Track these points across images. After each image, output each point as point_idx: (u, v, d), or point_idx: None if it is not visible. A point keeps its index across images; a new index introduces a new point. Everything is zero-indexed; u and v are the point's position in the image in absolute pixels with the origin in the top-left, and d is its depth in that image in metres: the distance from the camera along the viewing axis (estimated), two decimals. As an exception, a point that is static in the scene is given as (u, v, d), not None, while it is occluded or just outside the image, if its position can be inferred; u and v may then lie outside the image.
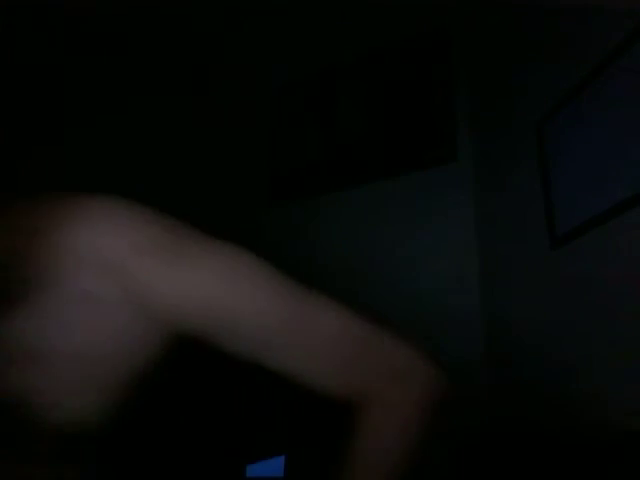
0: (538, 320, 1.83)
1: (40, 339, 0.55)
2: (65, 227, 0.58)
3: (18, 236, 0.58)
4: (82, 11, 2.84)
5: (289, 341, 0.67)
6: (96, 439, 0.62)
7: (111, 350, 0.59)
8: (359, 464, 0.65)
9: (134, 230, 0.61)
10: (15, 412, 0.53)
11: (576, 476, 1.24)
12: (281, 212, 2.99)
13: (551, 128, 1.82)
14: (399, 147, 2.69)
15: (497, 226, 2.21)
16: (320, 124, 3.00)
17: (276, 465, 1.85)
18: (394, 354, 0.73)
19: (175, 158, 3.39)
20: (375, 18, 2.92)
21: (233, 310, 0.65)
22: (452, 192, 2.50)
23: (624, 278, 1.41)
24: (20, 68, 2.73)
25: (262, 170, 3.13)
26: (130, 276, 0.59)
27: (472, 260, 2.35)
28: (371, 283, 2.57)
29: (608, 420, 1.36)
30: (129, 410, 0.63)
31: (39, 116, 2.82)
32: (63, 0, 2.68)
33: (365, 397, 0.69)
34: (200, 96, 3.45)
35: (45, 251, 0.57)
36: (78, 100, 3.09)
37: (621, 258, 1.43)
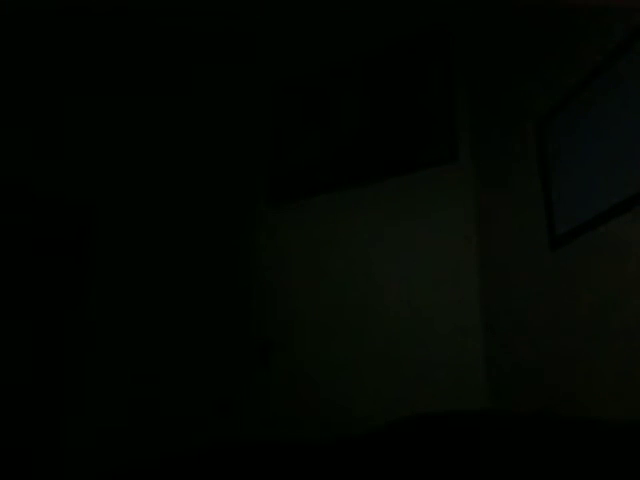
0: (538, 319, 1.83)
1: None
2: None
3: None
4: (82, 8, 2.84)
5: None
6: None
7: None
8: None
9: None
10: None
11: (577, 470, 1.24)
12: (280, 212, 2.99)
13: (551, 128, 1.83)
14: (399, 147, 2.69)
15: (497, 226, 2.22)
16: (320, 124, 3.00)
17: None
18: None
19: (175, 159, 3.39)
20: (375, 18, 2.93)
21: None
22: (452, 192, 2.50)
23: (624, 277, 1.41)
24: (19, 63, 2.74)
25: (261, 171, 3.14)
26: None
27: (472, 259, 2.35)
28: (371, 281, 2.57)
29: (607, 415, 1.37)
30: None
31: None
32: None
33: None
34: (200, 96, 3.45)
35: None
36: (78, 99, 3.09)
37: (621, 258, 1.43)
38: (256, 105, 3.30)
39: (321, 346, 2.59)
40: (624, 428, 1.11)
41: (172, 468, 2.06)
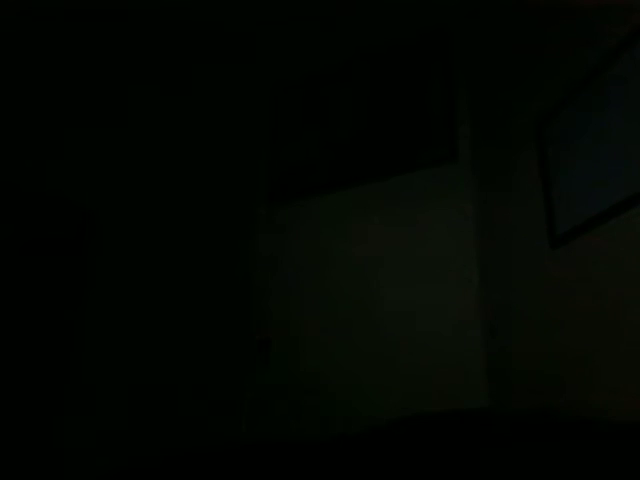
0: (538, 318, 1.83)
1: None
2: None
3: None
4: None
5: None
6: None
7: None
8: None
9: None
10: None
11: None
12: (279, 212, 2.99)
13: (551, 128, 1.83)
14: (399, 147, 2.69)
15: (497, 226, 2.22)
16: (319, 124, 3.00)
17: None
18: None
19: (174, 159, 3.39)
20: (375, 18, 2.93)
21: None
22: (452, 192, 2.50)
23: (624, 277, 1.41)
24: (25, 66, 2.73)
25: (261, 170, 3.14)
26: None
27: (472, 259, 2.35)
28: (371, 281, 2.57)
29: (607, 415, 1.37)
30: None
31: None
32: None
33: None
34: (200, 96, 3.45)
35: None
36: (78, 99, 3.09)
37: (621, 257, 1.43)
38: (256, 105, 3.30)
39: (321, 345, 2.59)
40: (624, 428, 1.11)
41: (172, 468, 2.07)
